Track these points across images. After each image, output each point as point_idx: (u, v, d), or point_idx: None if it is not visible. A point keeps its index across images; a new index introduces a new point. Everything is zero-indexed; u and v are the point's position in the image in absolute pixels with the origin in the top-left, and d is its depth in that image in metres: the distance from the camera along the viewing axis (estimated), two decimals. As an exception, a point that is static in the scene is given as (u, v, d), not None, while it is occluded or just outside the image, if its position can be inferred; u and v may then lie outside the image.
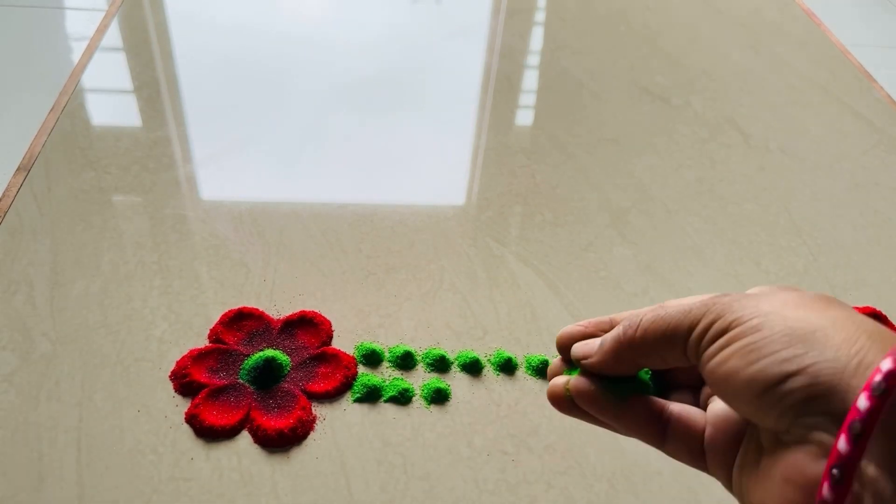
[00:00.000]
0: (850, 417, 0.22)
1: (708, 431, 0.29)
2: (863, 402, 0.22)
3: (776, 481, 0.24)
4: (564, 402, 0.31)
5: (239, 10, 0.72)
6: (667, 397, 0.31)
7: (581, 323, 0.32)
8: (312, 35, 0.70)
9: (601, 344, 0.30)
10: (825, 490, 0.22)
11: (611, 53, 0.70)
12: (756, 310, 0.25)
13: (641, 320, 0.28)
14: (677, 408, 0.29)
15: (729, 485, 0.28)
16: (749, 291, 0.28)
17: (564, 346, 0.32)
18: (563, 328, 0.33)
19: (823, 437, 0.23)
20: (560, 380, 0.31)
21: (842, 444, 0.22)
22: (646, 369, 0.31)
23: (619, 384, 0.30)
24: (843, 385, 0.23)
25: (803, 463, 0.23)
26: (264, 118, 0.58)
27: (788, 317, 0.24)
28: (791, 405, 0.23)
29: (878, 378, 0.22)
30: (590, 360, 0.30)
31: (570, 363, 0.32)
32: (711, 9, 0.80)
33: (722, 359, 0.25)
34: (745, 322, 0.25)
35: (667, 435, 0.29)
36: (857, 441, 0.22)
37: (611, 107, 0.63)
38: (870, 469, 0.22)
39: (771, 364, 0.24)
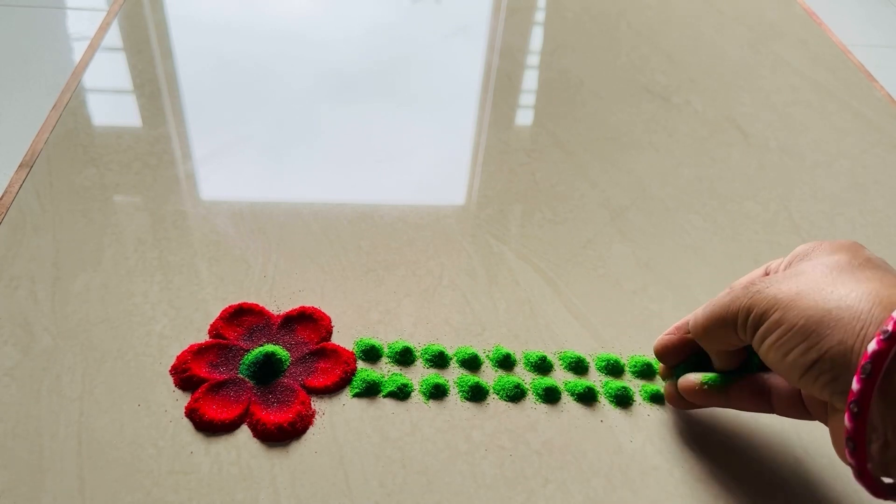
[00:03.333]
0: (850, 398, 0.26)
1: (804, 391, 0.33)
2: (855, 384, 0.26)
3: (836, 433, 0.29)
4: (679, 401, 0.37)
5: (240, 8, 0.73)
6: None
7: (668, 331, 0.37)
8: (312, 33, 0.70)
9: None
10: (848, 456, 0.26)
11: (611, 52, 0.70)
12: (776, 302, 0.29)
13: (697, 321, 0.34)
14: (774, 377, 0.34)
15: None
16: (793, 253, 0.33)
17: (661, 355, 0.38)
18: (656, 340, 0.38)
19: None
20: (671, 385, 0.37)
21: (846, 421, 0.26)
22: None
23: (720, 375, 0.35)
24: (852, 366, 0.26)
25: (840, 426, 0.28)
26: (265, 116, 0.58)
27: (800, 306, 0.28)
28: (824, 385, 0.27)
29: (866, 361, 0.25)
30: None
31: (672, 367, 0.37)
32: (712, 8, 0.80)
33: (764, 352, 0.30)
34: (770, 317, 0.29)
35: (772, 403, 0.34)
36: (856, 418, 0.26)
37: (611, 105, 0.63)
38: (889, 434, 0.26)
39: (798, 356, 0.28)
